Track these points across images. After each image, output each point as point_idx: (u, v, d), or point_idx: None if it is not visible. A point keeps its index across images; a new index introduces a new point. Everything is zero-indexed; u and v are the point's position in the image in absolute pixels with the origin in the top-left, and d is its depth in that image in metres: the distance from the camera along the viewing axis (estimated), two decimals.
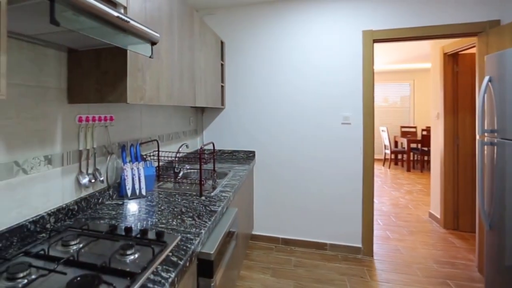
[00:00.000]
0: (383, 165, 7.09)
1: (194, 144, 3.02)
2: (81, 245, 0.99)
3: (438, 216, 3.33)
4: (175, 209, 1.42)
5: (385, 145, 7.00)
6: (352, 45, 2.65)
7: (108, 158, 1.58)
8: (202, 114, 3.09)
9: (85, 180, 1.40)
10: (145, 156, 1.91)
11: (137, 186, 1.64)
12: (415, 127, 7.29)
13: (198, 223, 1.24)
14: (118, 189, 1.66)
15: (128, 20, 0.94)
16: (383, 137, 7.02)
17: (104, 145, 1.57)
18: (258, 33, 2.89)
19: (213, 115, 3.06)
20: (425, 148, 6.22)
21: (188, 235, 1.12)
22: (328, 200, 2.74)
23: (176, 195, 1.67)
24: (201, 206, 1.47)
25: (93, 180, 1.44)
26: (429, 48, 3.62)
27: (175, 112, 2.52)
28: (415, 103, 7.70)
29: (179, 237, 1.09)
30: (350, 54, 2.65)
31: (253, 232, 2.95)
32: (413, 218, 3.56)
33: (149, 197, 1.63)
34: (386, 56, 5.76)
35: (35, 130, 1.15)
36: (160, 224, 1.23)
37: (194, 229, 1.18)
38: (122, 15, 0.91)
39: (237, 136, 2.99)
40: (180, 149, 2.51)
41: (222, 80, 2.91)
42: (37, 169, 1.16)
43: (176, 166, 2.27)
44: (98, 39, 0.94)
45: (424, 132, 6.46)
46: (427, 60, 6.14)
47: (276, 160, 2.88)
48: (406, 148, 6.38)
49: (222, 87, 2.92)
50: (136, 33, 1.02)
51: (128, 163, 1.65)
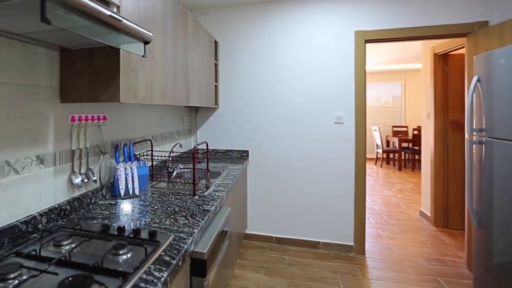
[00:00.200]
0: (375, 164, 7.17)
1: (188, 144, 3.01)
2: (73, 245, 0.98)
3: (429, 214, 3.39)
4: (168, 209, 1.43)
5: (377, 145, 7.09)
6: (345, 45, 2.67)
7: (101, 158, 1.58)
8: (196, 114, 3.09)
9: (78, 180, 1.39)
10: (139, 156, 1.91)
11: (131, 186, 1.64)
12: (407, 127, 7.40)
13: (191, 223, 1.25)
14: (111, 189, 1.66)
15: (121, 19, 0.94)
16: (375, 137, 7.11)
17: (97, 145, 1.56)
18: (252, 33, 2.90)
19: (207, 115, 3.06)
20: (416, 147, 6.33)
21: (181, 235, 1.12)
22: (321, 199, 2.77)
23: (170, 195, 1.67)
24: (194, 206, 1.48)
25: (86, 180, 1.44)
26: (420, 49, 3.67)
27: (169, 112, 2.52)
28: (407, 103, 7.81)
29: (172, 237, 1.09)
30: (343, 54, 2.68)
31: (247, 231, 2.96)
32: (404, 217, 3.61)
33: (143, 197, 1.63)
34: (378, 57, 5.83)
35: (27, 130, 1.14)
36: (153, 224, 1.23)
37: (187, 229, 1.18)
38: (115, 14, 0.90)
39: (231, 136, 3.00)
40: (174, 149, 2.50)
41: (216, 80, 2.91)
42: (29, 169, 1.15)
43: (170, 166, 2.26)
44: (91, 38, 0.94)
45: (415, 132, 6.57)
46: (418, 61, 6.23)
47: (269, 159, 2.90)
48: (398, 148, 6.47)
49: (216, 87, 2.92)
50: (129, 32, 1.02)
51: (121, 163, 1.64)
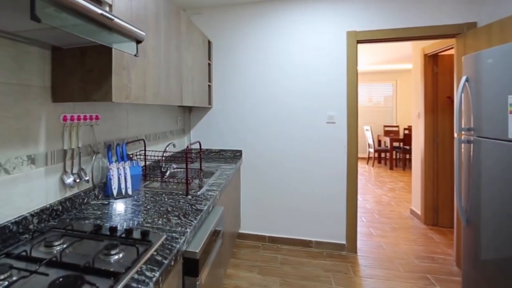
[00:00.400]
0: (367, 164, 7.25)
1: (182, 144, 3.01)
2: (65, 246, 0.98)
3: (419, 213, 3.44)
4: (161, 209, 1.43)
5: (369, 144, 7.17)
6: (337, 46, 2.70)
7: (94, 158, 1.57)
8: (190, 114, 3.09)
9: (70, 180, 1.39)
10: (132, 156, 1.91)
11: (123, 186, 1.64)
12: (398, 126, 7.50)
13: (184, 222, 1.26)
14: (104, 189, 1.65)
15: (112, 18, 0.93)
16: (367, 136, 7.19)
17: (90, 145, 1.55)
18: (245, 33, 2.90)
19: (201, 115, 3.06)
20: (407, 147, 6.42)
21: (174, 234, 1.13)
22: (313, 199, 2.80)
23: (163, 195, 1.68)
24: (187, 205, 1.48)
25: (78, 180, 1.43)
26: (411, 50, 3.73)
27: (162, 112, 2.51)
28: (398, 103, 7.91)
29: (164, 236, 1.10)
30: (335, 55, 2.70)
31: (240, 231, 2.97)
32: (395, 215, 3.67)
33: (135, 197, 1.63)
34: (370, 57, 5.90)
35: (17, 129, 1.14)
36: (146, 224, 1.24)
37: (180, 228, 1.19)
38: (106, 13, 0.90)
39: (225, 136, 3.00)
40: (167, 149, 2.50)
41: (210, 80, 2.92)
42: (20, 169, 1.15)
43: (163, 166, 2.26)
44: (82, 37, 0.93)
45: (406, 131, 6.67)
46: (409, 61, 6.30)
47: (263, 159, 2.91)
48: (389, 147, 6.56)
49: (210, 87, 2.92)
50: (121, 31, 1.01)
51: (114, 163, 1.64)
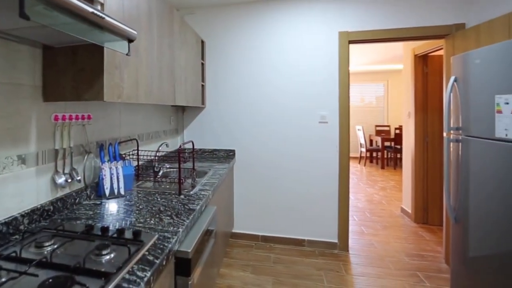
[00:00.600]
0: (359, 163, 7.33)
1: (175, 143, 3.00)
2: (55, 246, 0.97)
3: (409, 211, 3.50)
4: (154, 208, 1.43)
5: (361, 144, 7.26)
6: (329, 46, 2.73)
7: (86, 157, 1.56)
8: (183, 113, 3.08)
9: (61, 180, 1.38)
10: (124, 155, 1.90)
11: (116, 186, 1.63)
12: (389, 126, 7.60)
13: (176, 222, 1.26)
14: (96, 189, 1.65)
15: (104, 16, 0.92)
16: (359, 136, 7.27)
17: (82, 144, 1.54)
18: (239, 33, 2.91)
19: (194, 114, 3.06)
20: (398, 146, 6.50)
21: (166, 234, 1.13)
22: (306, 198, 2.82)
23: (155, 194, 1.68)
24: (180, 205, 1.49)
25: (70, 180, 1.42)
26: (402, 50, 3.78)
27: (156, 111, 2.51)
28: (389, 103, 8.02)
29: (156, 236, 1.10)
30: (327, 55, 2.73)
31: (233, 230, 2.98)
32: (387, 214, 3.72)
33: (128, 197, 1.63)
34: (362, 57, 5.96)
35: (7, 129, 1.13)
36: (138, 224, 1.24)
37: (172, 228, 1.19)
38: (97, 11, 0.89)
39: (218, 136, 3.01)
40: (160, 148, 2.50)
41: (203, 79, 2.92)
42: (10, 169, 1.14)
43: (156, 165, 2.26)
44: (74, 36, 0.93)
45: (397, 131, 6.74)
46: (400, 62, 6.39)
47: (256, 159, 2.93)
48: (381, 147, 6.64)
49: (203, 86, 2.92)
50: (112, 30, 1.01)
51: (107, 162, 1.64)
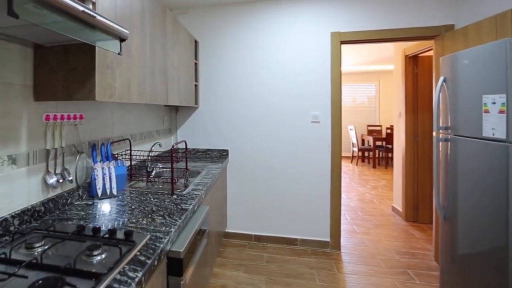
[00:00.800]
0: (351, 162, 7.41)
1: (169, 143, 3.00)
2: (46, 247, 0.97)
3: (400, 210, 3.56)
4: (146, 208, 1.44)
5: (353, 143, 7.34)
6: (322, 46, 2.75)
7: (78, 158, 1.56)
8: (176, 113, 3.08)
9: (53, 180, 1.37)
10: (117, 155, 1.89)
11: (108, 186, 1.63)
12: (380, 126, 7.68)
13: (169, 222, 1.27)
14: (88, 189, 1.64)
15: (95, 15, 0.92)
16: (351, 136, 7.35)
17: (74, 144, 1.54)
18: (232, 33, 2.92)
19: (187, 114, 3.05)
20: (389, 146, 6.59)
21: (158, 234, 1.14)
22: (299, 197, 2.84)
23: (148, 194, 1.68)
24: (172, 205, 1.49)
25: (61, 180, 1.42)
26: (393, 51, 3.83)
27: (149, 111, 2.50)
28: (381, 103, 8.12)
29: (148, 236, 1.10)
30: (320, 55, 2.76)
31: (227, 230, 2.99)
32: (378, 212, 3.78)
33: (120, 197, 1.63)
34: (354, 58, 6.03)
35: None
36: (130, 224, 1.24)
37: (164, 228, 1.20)
38: (88, 10, 0.88)
39: (211, 135, 3.01)
40: (153, 148, 2.49)
41: (196, 79, 2.92)
42: (0, 169, 1.13)
43: (149, 165, 2.25)
44: (64, 35, 0.92)
45: (388, 131, 6.85)
46: (391, 62, 6.48)
47: (249, 159, 2.94)
48: (372, 146, 6.72)
49: (196, 86, 2.92)
50: (104, 29, 1.00)
51: (99, 162, 1.63)
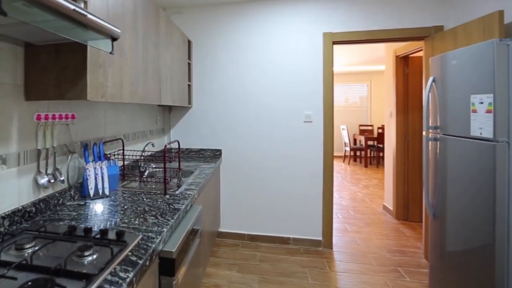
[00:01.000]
0: (343, 162, 7.48)
1: (162, 143, 2.99)
2: (36, 248, 0.95)
3: (391, 208, 3.61)
4: (138, 208, 1.44)
5: (345, 143, 7.41)
6: (314, 46, 2.78)
7: (69, 158, 1.55)
8: (170, 113, 3.07)
9: (44, 181, 1.36)
10: (109, 155, 1.88)
11: (100, 186, 1.62)
12: (372, 126, 7.77)
13: (161, 222, 1.27)
14: (80, 189, 1.63)
15: (86, 14, 0.91)
16: (343, 135, 7.42)
17: (65, 144, 1.53)
18: (226, 33, 2.92)
19: (181, 114, 3.05)
20: (381, 145, 6.66)
21: (150, 234, 1.14)
22: (292, 197, 2.87)
23: (141, 194, 1.68)
24: (165, 205, 1.50)
25: (53, 181, 1.41)
26: (384, 51, 3.88)
27: (142, 111, 2.49)
28: (372, 103, 8.22)
29: (140, 236, 1.10)
30: (312, 55, 2.78)
31: (220, 230, 3.00)
32: (369, 211, 3.83)
33: (113, 197, 1.62)
34: (347, 58, 6.09)
35: None
36: (122, 224, 1.24)
37: (156, 228, 1.20)
38: (79, 8, 0.88)
39: (205, 135, 3.02)
40: (146, 148, 2.48)
41: (189, 79, 2.91)
42: None
43: (142, 165, 2.25)
44: (55, 33, 0.91)
45: (380, 130, 6.93)
46: (383, 63, 6.53)
47: (242, 159, 2.95)
48: (364, 145, 6.79)
49: (189, 86, 2.92)
50: (95, 28, 0.99)
51: (91, 162, 1.62)
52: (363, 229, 3.24)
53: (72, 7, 0.85)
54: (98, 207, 1.46)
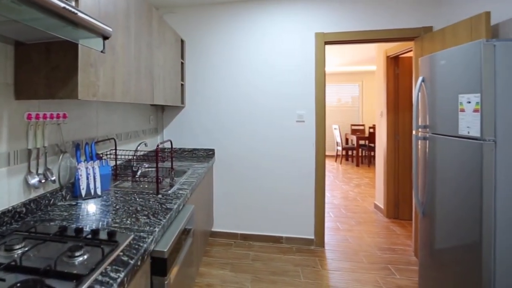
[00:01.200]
0: (336, 161, 7.55)
1: (155, 143, 2.98)
2: (26, 249, 0.95)
3: (382, 207, 3.66)
4: (130, 208, 1.43)
5: (337, 142, 7.48)
6: (306, 46, 2.80)
7: (61, 157, 1.53)
8: (163, 113, 3.06)
9: (34, 181, 1.35)
10: (101, 155, 1.87)
11: (92, 186, 1.61)
12: (363, 125, 7.86)
13: (153, 221, 1.27)
14: (72, 189, 1.62)
15: (76, 12, 0.90)
16: (335, 135, 7.49)
17: (57, 144, 1.52)
18: (219, 33, 2.92)
19: (174, 114, 3.04)
20: (372, 145, 6.74)
21: (142, 234, 1.14)
22: (284, 196, 2.89)
23: (133, 194, 1.68)
24: (157, 204, 1.50)
25: (44, 181, 1.39)
26: (375, 52, 3.92)
27: (134, 110, 2.48)
28: (364, 103, 8.31)
29: (132, 236, 1.10)
30: (305, 55, 2.80)
31: (213, 229, 3.00)
32: (361, 210, 3.87)
33: (105, 197, 1.62)
34: (339, 58, 6.13)
35: None
36: (114, 224, 1.24)
37: (148, 228, 1.20)
38: (69, 6, 0.86)
39: (198, 135, 3.02)
40: (139, 148, 2.47)
41: (182, 79, 2.91)
42: None
43: (134, 165, 2.24)
44: (46, 32, 0.90)
45: (371, 130, 6.99)
46: (374, 63, 6.61)
47: (235, 158, 2.96)
48: (356, 145, 6.87)
49: (182, 86, 2.91)
50: (86, 26, 0.98)
51: (83, 162, 1.61)
52: (355, 228, 3.28)
53: (62, 5, 0.83)
54: (90, 207, 1.45)
